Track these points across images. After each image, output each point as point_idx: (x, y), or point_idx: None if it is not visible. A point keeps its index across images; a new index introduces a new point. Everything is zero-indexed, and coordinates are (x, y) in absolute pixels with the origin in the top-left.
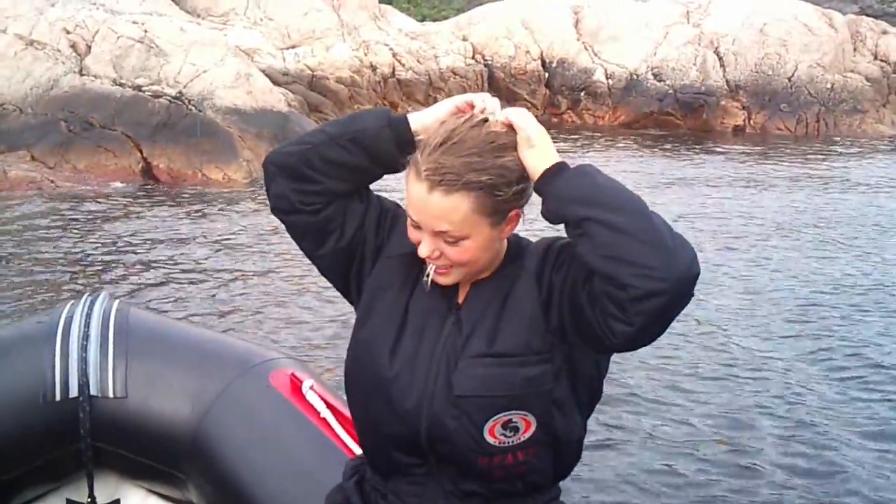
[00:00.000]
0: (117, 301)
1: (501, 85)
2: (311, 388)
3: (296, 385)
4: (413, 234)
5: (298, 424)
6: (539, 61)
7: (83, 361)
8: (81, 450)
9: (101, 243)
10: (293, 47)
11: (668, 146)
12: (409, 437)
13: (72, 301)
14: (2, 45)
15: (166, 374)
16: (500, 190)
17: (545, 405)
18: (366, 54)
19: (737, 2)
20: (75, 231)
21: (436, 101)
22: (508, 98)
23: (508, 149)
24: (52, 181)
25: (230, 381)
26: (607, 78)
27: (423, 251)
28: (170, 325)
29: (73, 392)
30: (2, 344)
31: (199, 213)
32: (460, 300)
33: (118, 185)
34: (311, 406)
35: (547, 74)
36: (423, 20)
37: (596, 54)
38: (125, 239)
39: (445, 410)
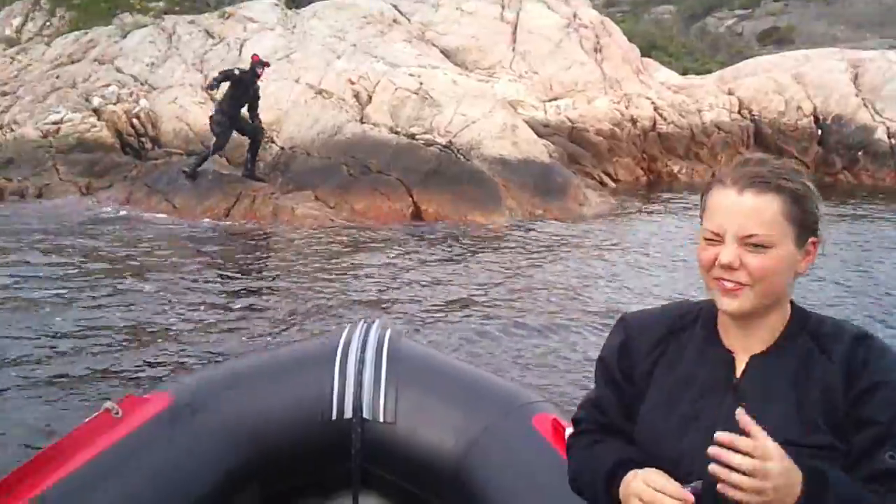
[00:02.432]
0: (390, 330)
1: (769, 141)
2: None
3: (558, 430)
4: (707, 253)
5: (560, 470)
6: (811, 117)
7: (358, 385)
8: (351, 469)
9: (372, 275)
10: (555, 99)
11: None
12: None
13: (349, 326)
14: (295, 94)
15: (434, 405)
16: (807, 205)
17: None
18: (627, 107)
19: None
20: (349, 263)
21: (697, 155)
22: (776, 153)
23: None
24: (332, 220)
25: (494, 419)
26: (889, 137)
27: (725, 256)
28: (438, 358)
29: (348, 413)
30: (288, 361)
31: (463, 254)
32: (738, 374)
33: (390, 225)
34: None
35: (820, 132)
36: (685, 73)
37: (878, 112)
38: (394, 273)
39: None
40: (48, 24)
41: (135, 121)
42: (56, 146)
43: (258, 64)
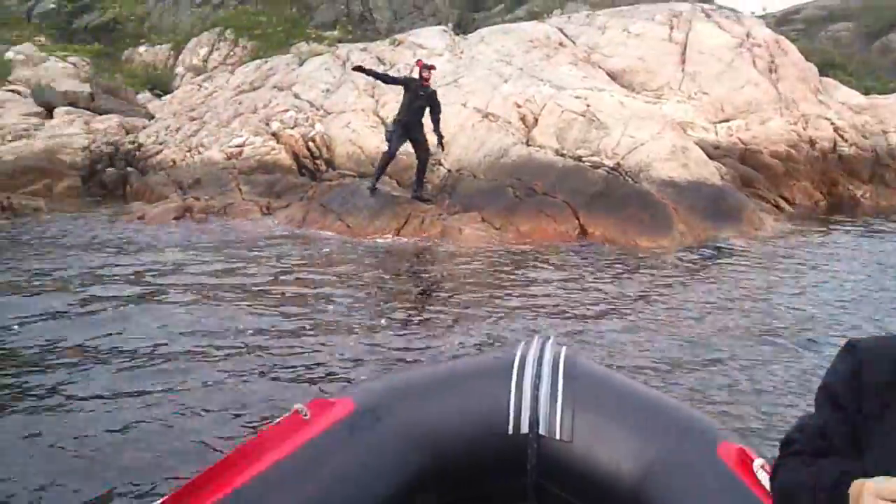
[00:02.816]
0: (565, 347)
1: None
2: (762, 467)
3: (745, 462)
4: None
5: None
6: None
7: (534, 400)
8: (526, 485)
9: (540, 295)
10: (726, 120)
11: None
12: None
13: (524, 342)
14: (462, 118)
15: (611, 425)
16: None
17: None
18: (804, 128)
19: None
20: (516, 284)
21: (882, 179)
22: None
23: None
24: (499, 241)
25: (675, 444)
26: None
27: None
28: (615, 378)
29: (524, 429)
30: (465, 374)
31: (632, 277)
32: None
33: (556, 246)
34: (763, 488)
35: None
36: (867, 93)
37: None
38: (562, 294)
39: None
40: (231, 53)
41: (310, 144)
42: (238, 168)
43: (423, 68)
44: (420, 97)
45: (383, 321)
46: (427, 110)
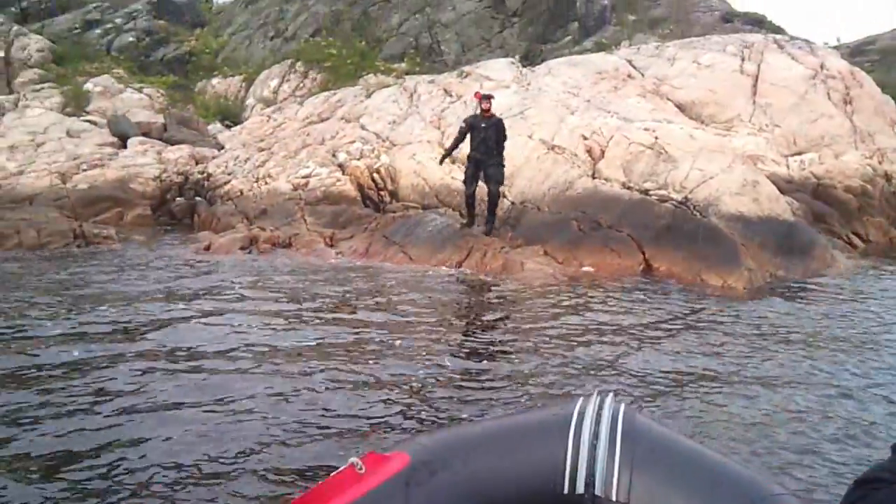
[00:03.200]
0: (624, 404)
1: None
2: None
3: None
4: None
5: None
6: None
7: (592, 459)
8: None
9: (601, 337)
10: (799, 154)
11: None
12: None
13: (582, 397)
14: (528, 150)
15: (670, 488)
16: None
17: None
18: (880, 162)
19: None
20: (577, 323)
21: None
22: None
23: None
24: (562, 275)
25: None
26: None
27: None
28: (674, 438)
29: (580, 489)
30: (522, 429)
31: (699, 317)
32: None
33: (621, 283)
34: None
35: None
36: None
37: None
38: (625, 336)
39: None
40: (301, 85)
41: (375, 175)
42: (304, 198)
43: (481, 99)
44: (483, 129)
45: (441, 368)
46: (497, 141)
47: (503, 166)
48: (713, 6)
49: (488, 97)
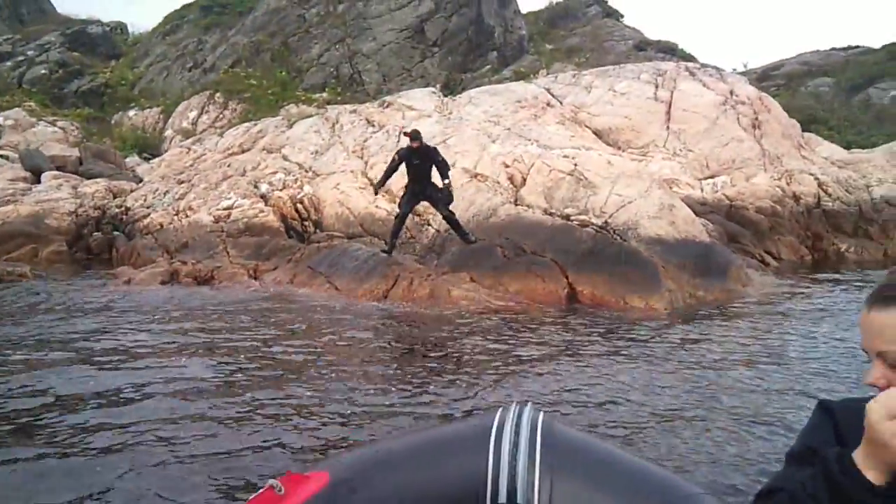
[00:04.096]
0: (542, 413)
1: None
2: None
3: None
4: (869, 373)
5: None
6: None
7: (512, 469)
8: None
9: (526, 360)
10: (711, 177)
11: None
12: None
13: (501, 408)
14: (452, 178)
15: (592, 494)
16: None
17: None
18: (788, 183)
19: None
20: (503, 348)
21: (867, 233)
22: None
23: None
24: (488, 301)
25: None
26: None
27: (867, 377)
28: (595, 444)
29: (502, 498)
30: (442, 442)
31: (621, 340)
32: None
33: (545, 306)
34: None
35: None
36: (849, 147)
37: None
38: (549, 359)
39: None
40: (221, 116)
41: (299, 206)
42: (227, 230)
43: (411, 138)
44: (415, 163)
45: (364, 389)
46: (432, 168)
47: (447, 189)
48: (626, 35)
49: (412, 134)
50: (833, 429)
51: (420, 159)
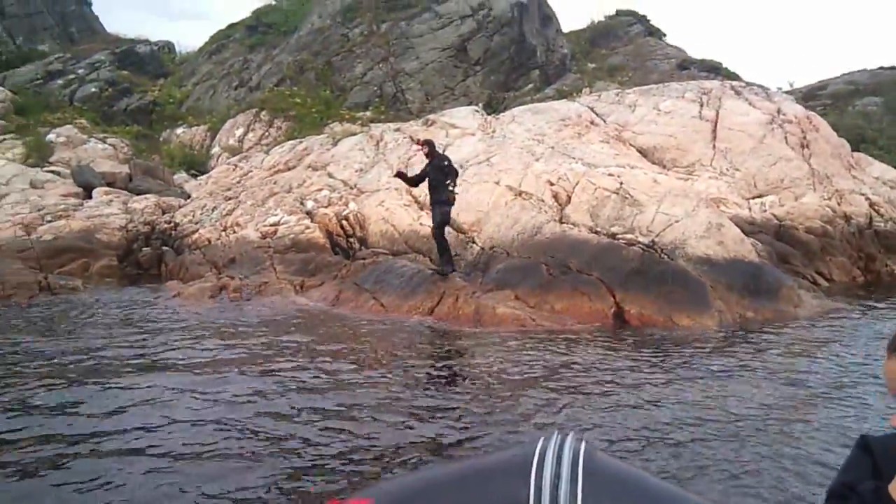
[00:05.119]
0: (585, 443)
1: None
2: None
3: None
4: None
5: None
6: None
7: (554, 499)
8: None
9: (572, 380)
10: (759, 196)
11: None
12: None
13: (543, 437)
14: (496, 196)
15: None
16: None
17: None
18: (839, 204)
19: None
20: (548, 367)
21: None
22: None
23: None
24: (534, 319)
25: None
26: None
27: (894, 420)
28: (637, 476)
29: None
30: (484, 472)
31: (670, 360)
32: None
33: (591, 325)
34: None
35: None
36: None
37: None
38: (594, 380)
39: None
40: (267, 134)
41: (344, 223)
42: (273, 246)
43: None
44: (427, 173)
45: (408, 414)
46: (436, 180)
47: (445, 204)
48: (669, 54)
49: (422, 142)
50: (871, 464)
51: (430, 170)
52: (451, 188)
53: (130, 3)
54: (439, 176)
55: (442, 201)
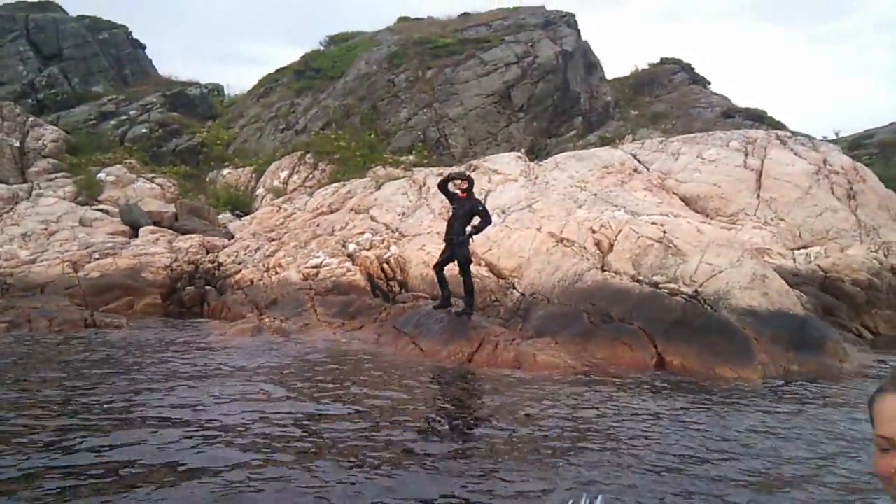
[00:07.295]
0: None
1: None
2: None
3: None
4: (883, 461)
5: None
6: None
7: None
8: None
9: (610, 432)
10: (804, 247)
11: None
12: None
13: (573, 499)
14: (537, 242)
15: None
16: None
17: None
18: (886, 256)
19: None
20: (587, 417)
21: None
22: None
23: None
24: (573, 367)
25: None
26: None
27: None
28: None
29: None
30: None
31: (714, 413)
32: None
33: (632, 376)
34: None
35: None
36: None
37: None
38: (635, 432)
39: None
40: (311, 176)
41: (385, 265)
42: (315, 288)
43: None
44: (454, 209)
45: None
46: (462, 222)
47: (465, 247)
48: (713, 102)
49: (466, 178)
50: None
51: (458, 208)
52: (468, 232)
53: (183, 47)
54: (468, 218)
55: (461, 243)
